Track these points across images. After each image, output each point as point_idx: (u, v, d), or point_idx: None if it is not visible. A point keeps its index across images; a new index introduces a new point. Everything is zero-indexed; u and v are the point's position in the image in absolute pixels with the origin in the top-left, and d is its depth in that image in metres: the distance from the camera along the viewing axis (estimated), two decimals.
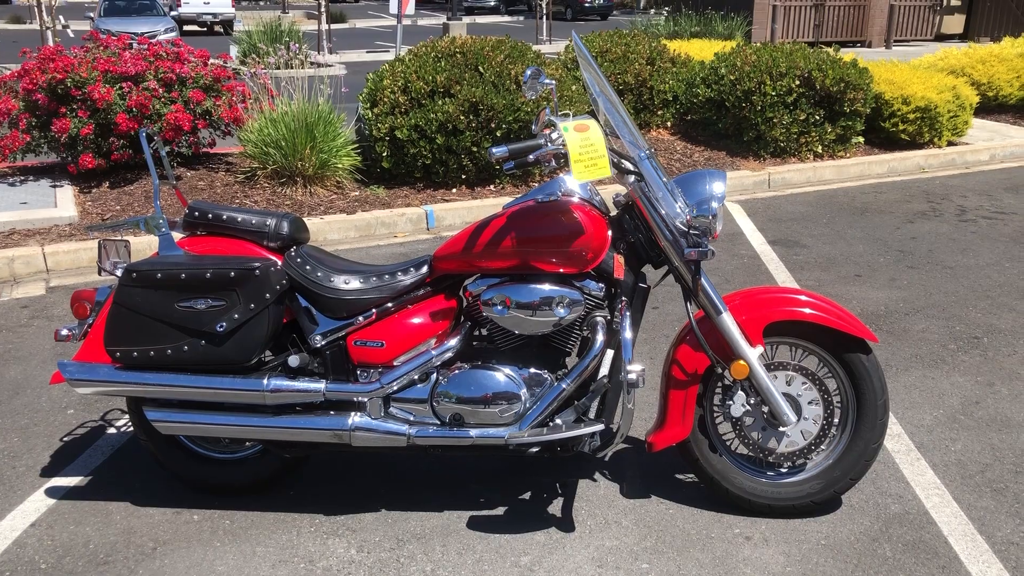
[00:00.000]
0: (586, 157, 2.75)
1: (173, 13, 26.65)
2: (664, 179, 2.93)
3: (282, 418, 2.97)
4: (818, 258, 5.92)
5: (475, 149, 7.00)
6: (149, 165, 3.20)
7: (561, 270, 2.88)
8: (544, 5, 22.72)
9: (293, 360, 2.98)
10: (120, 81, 6.85)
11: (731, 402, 3.02)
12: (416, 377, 3.00)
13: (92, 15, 22.72)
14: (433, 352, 2.99)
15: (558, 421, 2.97)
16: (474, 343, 3.10)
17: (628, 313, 2.89)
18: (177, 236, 3.16)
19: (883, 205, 7.31)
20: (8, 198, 6.67)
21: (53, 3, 18.15)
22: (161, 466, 3.25)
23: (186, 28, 27.96)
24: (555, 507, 3.17)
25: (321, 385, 2.96)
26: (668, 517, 3.11)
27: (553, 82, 2.81)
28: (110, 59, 6.89)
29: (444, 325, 3.02)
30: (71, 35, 23.02)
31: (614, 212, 3.07)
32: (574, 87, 7.63)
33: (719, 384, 3.10)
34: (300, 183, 6.97)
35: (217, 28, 28.83)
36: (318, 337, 3.00)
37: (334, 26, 25.54)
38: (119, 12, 22.39)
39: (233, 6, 29.74)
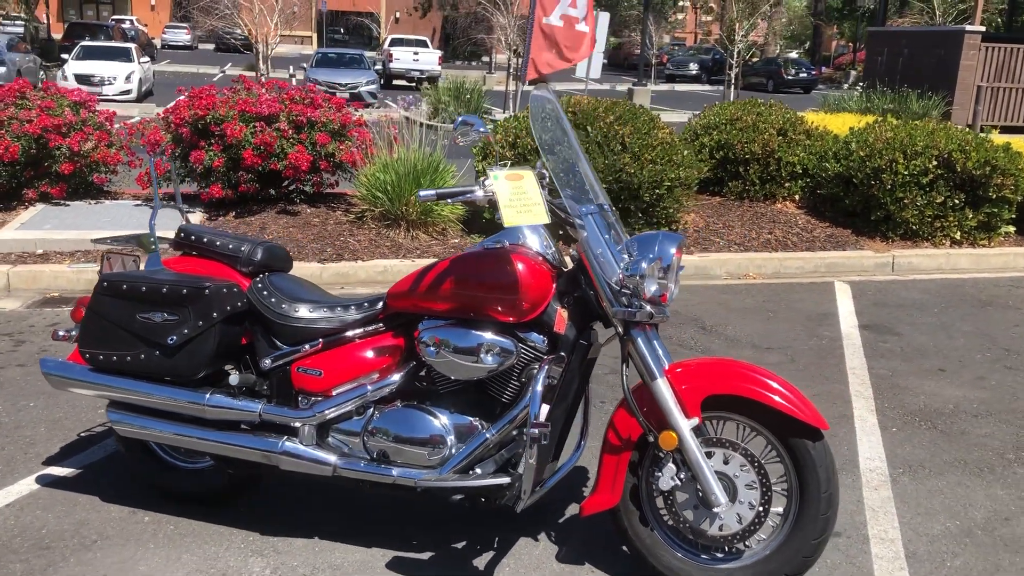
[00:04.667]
0: (517, 203, 2.75)
1: (377, 67, 28.45)
2: (608, 236, 2.87)
3: (220, 433, 3.10)
4: (906, 348, 5.48)
5: None
6: (153, 188, 3.49)
7: (501, 318, 2.87)
8: (733, 75, 22.54)
9: (233, 379, 3.12)
10: (254, 120, 7.42)
11: (659, 474, 2.86)
12: (352, 409, 3.05)
13: (305, 65, 24.75)
14: (369, 387, 3.03)
15: (478, 470, 2.93)
16: (418, 383, 3.12)
17: (547, 367, 2.81)
18: (178, 255, 3.42)
19: (1014, 300, 6.66)
20: (143, 220, 7.33)
21: (268, 54, 20.27)
22: (130, 466, 3.47)
23: (395, 82, 29.80)
24: (482, 560, 3.10)
25: (258, 406, 3.07)
26: None
27: (488, 130, 2.83)
28: (248, 100, 7.48)
29: (387, 361, 3.06)
30: (294, 83, 25.07)
31: (570, 266, 3.03)
32: (686, 151, 7.50)
33: (653, 454, 2.95)
34: (403, 227, 7.24)
35: (425, 84, 30.51)
36: (267, 360, 3.12)
37: (531, 86, 26.29)
38: (330, 64, 24.29)
39: (440, 63, 31.43)
